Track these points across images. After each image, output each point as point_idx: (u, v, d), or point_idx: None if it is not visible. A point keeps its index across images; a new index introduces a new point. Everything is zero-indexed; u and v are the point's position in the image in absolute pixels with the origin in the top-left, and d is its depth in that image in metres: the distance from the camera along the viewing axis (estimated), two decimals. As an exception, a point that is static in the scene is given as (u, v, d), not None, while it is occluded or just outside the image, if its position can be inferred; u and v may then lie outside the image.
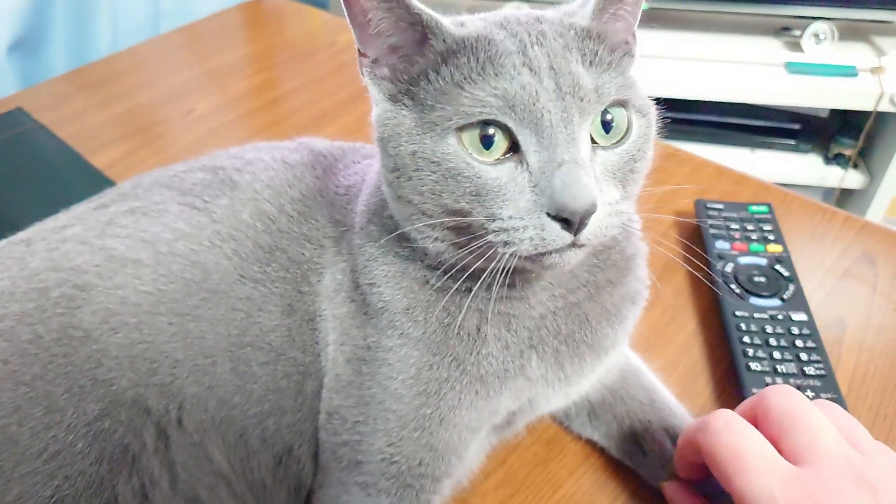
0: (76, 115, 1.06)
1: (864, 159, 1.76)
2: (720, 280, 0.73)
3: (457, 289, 0.47)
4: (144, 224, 0.54)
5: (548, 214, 0.40)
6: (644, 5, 0.49)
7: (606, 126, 0.43)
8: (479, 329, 0.49)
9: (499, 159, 0.42)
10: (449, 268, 0.46)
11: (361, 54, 0.46)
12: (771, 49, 1.68)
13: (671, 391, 0.64)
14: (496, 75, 0.42)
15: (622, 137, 0.44)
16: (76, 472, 0.47)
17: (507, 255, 0.42)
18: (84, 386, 0.48)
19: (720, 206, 0.82)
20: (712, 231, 0.79)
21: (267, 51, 1.27)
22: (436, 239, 0.45)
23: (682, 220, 0.83)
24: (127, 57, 1.26)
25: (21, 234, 0.57)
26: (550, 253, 0.42)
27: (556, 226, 0.40)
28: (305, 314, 0.53)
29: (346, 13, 0.44)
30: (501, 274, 0.43)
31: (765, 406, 0.46)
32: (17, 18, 1.28)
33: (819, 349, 0.65)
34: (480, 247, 0.43)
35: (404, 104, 0.45)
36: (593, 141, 0.43)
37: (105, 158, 0.97)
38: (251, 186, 0.56)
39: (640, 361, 0.65)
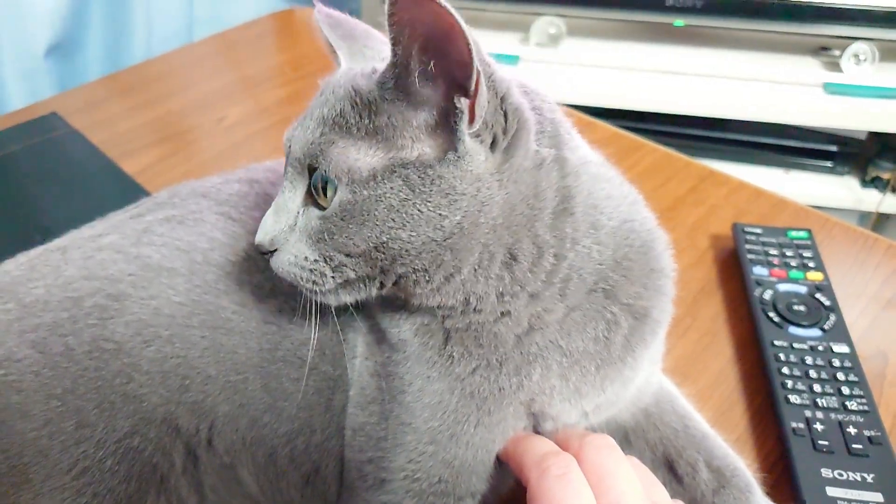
0: (109, 120, 1.07)
1: (902, 183, 1.73)
2: (758, 307, 0.71)
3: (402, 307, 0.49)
4: (180, 232, 0.54)
5: None
6: (679, 22, 0.47)
7: (324, 188, 0.44)
8: (444, 346, 0.48)
9: None
10: None
11: None
12: (809, 69, 1.65)
13: (706, 419, 0.62)
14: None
15: (329, 205, 0.44)
16: (104, 490, 0.47)
17: None
18: (114, 402, 0.48)
19: (758, 231, 0.80)
20: (750, 256, 0.77)
21: (299, 60, 1.28)
22: None
23: (718, 243, 0.82)
24: (160, 63, 1.27)
25: (57, 242, 0.57)
26: None
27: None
28: (335, 326, 0.52)
29: None
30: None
31: (581, 460, 0.45)
32: (54, 23, 1.29)
33: (862, 383, 0.63)
34: None
35: None
36: (316, 201, 0.45)
37: (136, 164, 0.98)
38: None
39: (675, 387, 0.64)
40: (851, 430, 0.59)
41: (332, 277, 0.45)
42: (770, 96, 1.63)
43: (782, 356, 0.66)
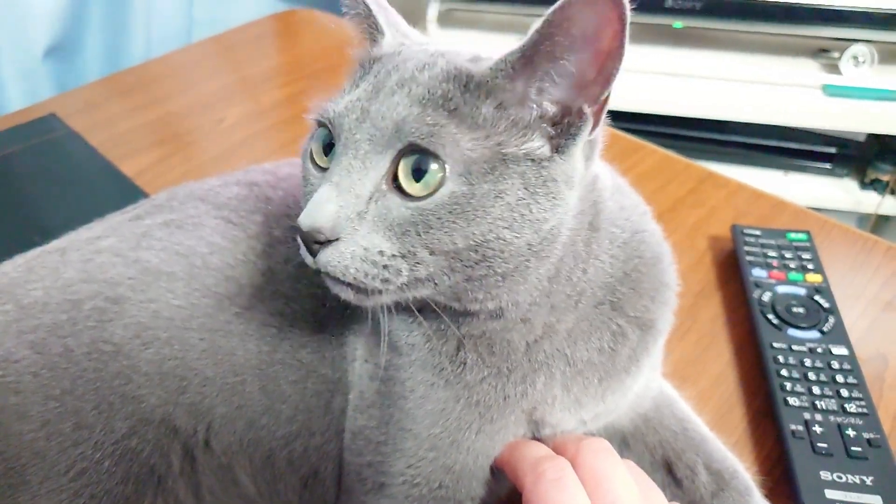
0: (108, 122, 1.07)
1: (901, 185, 1.72)
2: (757, 309, 0.71)
3: (418, 310, 0.46)
4: (179, 237, 0.54)
5: None
6: (678, 24, 0.46)
7: (419, 174, 0.39)
8: (457, 353, 0.47)
9: (325, 168, 0.43)
10: None
11: None
12: (808, 71, 1.65)
13: (705, 422, 0.62)
14: (354, 89, 0.43)
15: (427, 195, 0.39)
16: (102, 492, 0.47)
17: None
18: (113, 403, 0.48)
19: (757, 233, 0.80)
20: (749, 258, 0.77)
21: (299, 61, 1.28)
22: None
23: (717, 245, 0.82)
24: (160, 65, 1.27)
25: (55, 243, 0.56)
26: (321, 276, 0.41)
27: (301, 242, 0.40)
28: (335, 329, 0.52)
29: None
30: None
31: (577, 464, 0.45)
32: (53, 24, 1.29)
33: (861, 385, 0.63)
34: None
35: None
36: (399, 185, 0.40)
37: (135, 166, 0.97)
38: (284, 202, 0.56)
39: (674, 390, 0.63)
40: (850, 432, 0.59)
41: (406, 275, 0.40)
42: (769, 98, 1.63)
43: (781, 358, 0.66)
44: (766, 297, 0.72)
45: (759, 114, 1.65)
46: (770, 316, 0.70)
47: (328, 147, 0.43)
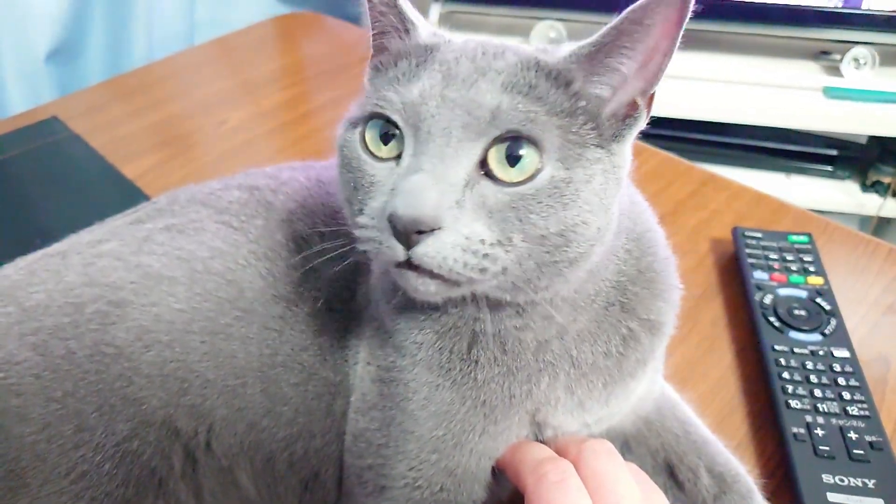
0: (110, 124, 1.07)
1: (903, 187, 1.72)
2: (758, 312, 0.71)
3: (436, 307, 0.45)
4: (181, 242, 0.54)
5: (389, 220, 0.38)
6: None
7: (513, 160, 0.39)
8: (469, 351, 0.47)
9: (387, 158, 0.42)
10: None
11: (371, 56, 0.47)
12: (809, 73, 1.65)
13: (706, 425, 0.62)
14: (415, 78, 0.41)
15: (524, 180, 0.39)
16: (102, 494, 0.47)
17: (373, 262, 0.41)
18: (114, 405, 0.48)
19: (759, 235, 0.80)
20: (750, 260, 0.77)
21: (300, 64, 1.28)
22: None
23: (718, 247, 0.82)
24: (161, 67, 1.27)
25: (57, 246, 0.57)
26: (401, 271, 0.40)
27: (391, 234, 0.38)
28: (337, 332, 0.52)
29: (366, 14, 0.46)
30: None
31: (579, 466, 0.45)
32: (55, 27, 1.30)
33: (863, 388, 0.63)
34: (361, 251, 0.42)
35: None
36: (489, 172, 0.39)
37: (137, 168, 0.98)
38: (286, 207, 0.56)
39: (675, 393, 0.63)
40: (852, 435, 0.59)
41: (500, 263, 0.39)
42: (770, 100, 1.63)
43: (783, 361, 0.66)
44: (768, 299, 0.72)
45: (760, 116, 1.65)
46: (771, 318, 0.70)
47: (384, 137, 0.42)
